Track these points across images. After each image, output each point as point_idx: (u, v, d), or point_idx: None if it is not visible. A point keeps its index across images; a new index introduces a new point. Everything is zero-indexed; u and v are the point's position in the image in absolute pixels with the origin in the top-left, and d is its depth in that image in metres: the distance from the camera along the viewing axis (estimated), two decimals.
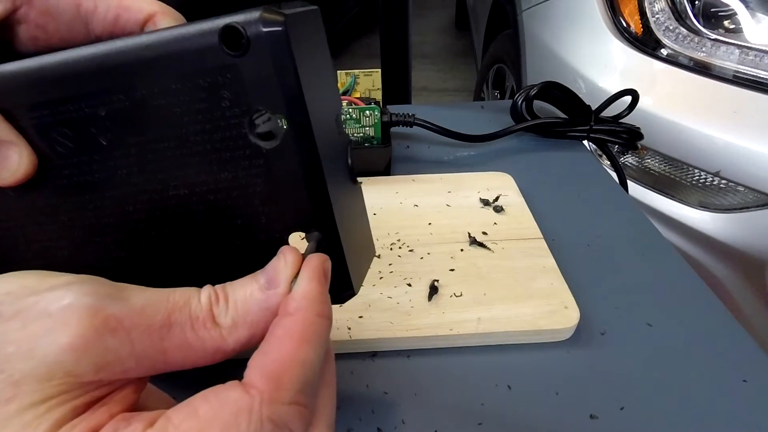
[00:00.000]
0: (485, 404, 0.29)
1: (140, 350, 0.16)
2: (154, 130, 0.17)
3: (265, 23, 0.15)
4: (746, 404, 0.29)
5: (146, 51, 0.16)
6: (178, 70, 0.16)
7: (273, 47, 0.15)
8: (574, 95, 0.56)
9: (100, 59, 0.17)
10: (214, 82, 0.16)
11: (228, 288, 0.18)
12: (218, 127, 0.17)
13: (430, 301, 0.34)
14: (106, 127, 0.18)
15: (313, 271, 0.18)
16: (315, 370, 0.17)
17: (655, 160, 0.90)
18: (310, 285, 0.17)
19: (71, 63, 0.17)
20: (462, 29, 3.29)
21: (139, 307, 0.16)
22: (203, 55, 0.16)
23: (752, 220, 0.81)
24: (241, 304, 0.17)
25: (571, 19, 1.05)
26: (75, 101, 0.17)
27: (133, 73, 0.17)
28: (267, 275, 0.18)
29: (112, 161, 0.18)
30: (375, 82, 0.55)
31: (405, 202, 0.44)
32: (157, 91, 0.17)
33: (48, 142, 0.18)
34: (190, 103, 0.17)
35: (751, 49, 0.82)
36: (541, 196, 0.46)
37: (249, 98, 0.16)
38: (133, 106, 0.17)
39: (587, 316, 0.34)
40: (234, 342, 0.17)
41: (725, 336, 0.33)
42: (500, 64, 1.47)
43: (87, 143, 0.18)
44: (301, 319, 0.17)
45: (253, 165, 0.18)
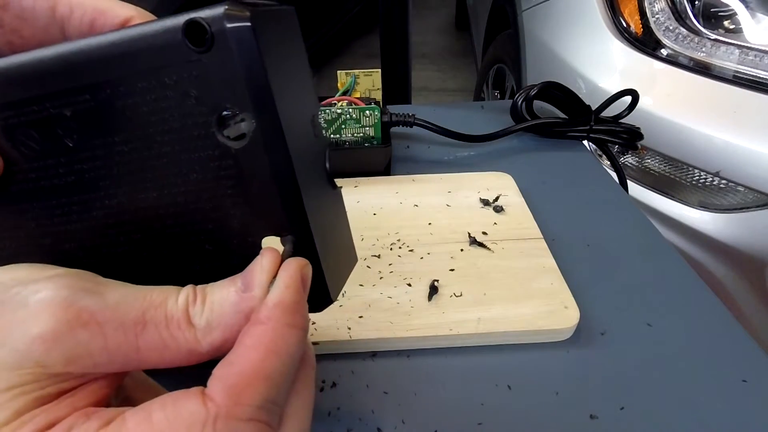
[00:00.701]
0: (485, 404, 0.29)
1: (113, 346, 0.16)
2: (121, 131, 0.17)
3: (230, 18, 0.15)
4: (746, 404, 0.29)
5: (111, 48, 0.16)
6: (143, 68, 0.16)
7: (238, 43, 0.15)
8: (574, 95, 0.56)
9: (65, 58, 0.17)
10: (179, 80, 0.16)
11: (208, 289, 0.17)
12: (185, 126, 0.17)
13: (430, 301, 0.34)
14: (72, 128, 0.17)
15: (289, 278, 0.17)
16: (282, 385, 0.16)
17: (655, 160, 0.90)
18: (285, 293, 0.17)
19: (35, 63, 0.17)
20: (462, 29, 3.29)
21: (114, 302, 0.16)
22: (168, 51, 0.16)
23: (752, 220, 0.81)
24: (217, 307, 0.17)
25: (571, 19, 1.05)
26: (39, 102, 0.17)
27: (98, 72, 0.16)
28: (244, 277, 0.17)
29: (78, 164, 0.18)
30: (375, 82, 0.55)
31: (405, 202, 0.44)
32: (123, 90, 0.17)
33: (13, 144, 0.18)
34: (156, 101, 0.16)
35: (751, 49, 0.82)
36: (541, 196, 0.46)
37: (216, 96, 0.16)
38: (99, 105, 0.17)
39: (587, 316, 0.34)
40: (208, 345, 0.17)
41: (725, 336, 0.33)
42: (500, 64, 1.47)
43: (53, 145, 0.18)
44: (270, 329, 0.16)
45: (222, 166, 0.17)
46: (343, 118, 0.48)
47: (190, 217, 0.18)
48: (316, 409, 0.29)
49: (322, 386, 0.30)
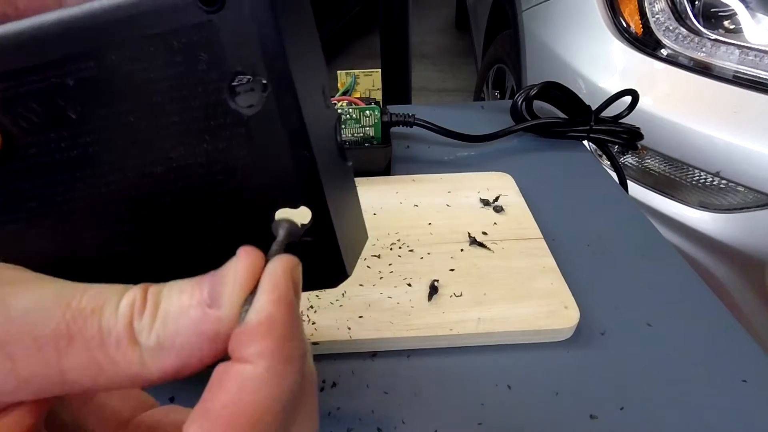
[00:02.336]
0: (485, 404, 0.29)
1: (23, 369, 0.12)
2: (127, 100, 0.16)
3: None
4: (746, 404, 0.29)
5: (117, 11, 0.15)
6: (151, 31, 0.15)
7: (251, 2, 0.15)
8: (574, 95, 0.56)
9: (67, 22, 0.16)
10: (189, 43, 0.15)
11: (164, 293, 0.13)
12: (196, 93, 0.16)
13: (430, 301, 0.34)
14: (75, 99, 0.16)
15: (277, 290, 0.13)
16: (283, 429, 0.13)
17: (655, 160, 0.90)
18: (275, 312, 0.13)
19: (35, 29, 0.16)
20: (462, 29, 3.29)
21: (21, 312, 0.12)
22: (177, 12, 0.15)
23: (752, 220, 0.81)
24: (172, 322, 0.13)
25: (571, 19, 1.05)
26: (40, 70, 0.16)
27: (103, 36, 0.16)
28: (212, 285, 0.13)
29: (82, 137, 0.17)
30: (375, 82, 0.55)
31: (405, 202, 0.44)
32: (129, 56, 0.16)
33: (12, 118, 0.17)
34: (165, 67, 0.16)
35: (751, 49, 0.82)
36: (541, 196, 0.46)
37: (227, 59, 0.15)
38: (104, 73, 0.16)
39: (587, 316, 0.34)
40: (159, 371, 0.13)
41: (725, 336, 0.33)
42: (500, 64, 1.47)
43: (54, 117, 0.17)
44: (263, 371, 0.12)
45: (234, 134, 0.16)
46: (343, 118, 0.48)
47: (200, 191, 0.17)
48: None
49: (323, 386, 0.30)
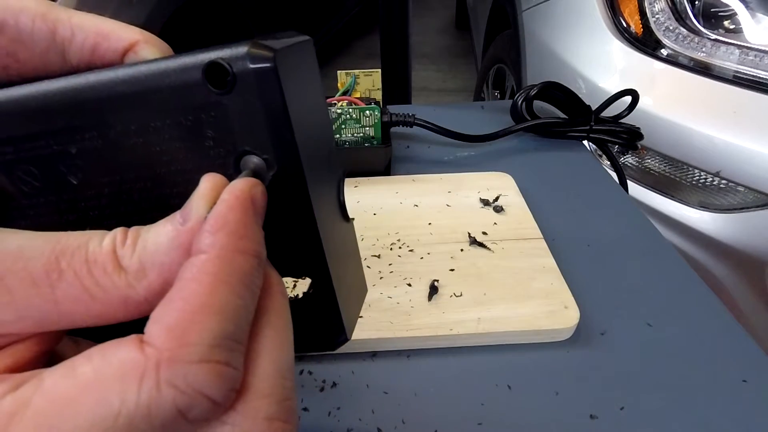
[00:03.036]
0: (485, 404, 0.29)
1: (21, 300, 0.13)
2: (131, 170, 0.16)
3: (253, 59, 0.14)
4: (746, 404, 0.29)
5: (123, 86, 0.15)
6: (158, 108, 0.15)
7: (261, 84, 0.14)
8: (574, 95, 0.56)
9: (72, 94, 0.15)
10: (197, 120, 0.15)
11: (143, 229, 0.15)
12: (201, 167, 0.16)
13: (430, 301, 0.34)
14: (77, 166, 0.16)
15: (233, 198, 0.14)
16: (239, 318, 0.14)
17: (655, 160, 0.90)
18: (229, 215, 0.14)
19: (39, 98, 0.16)
20: (462, 29, 3.30)
21: (15, 248, 0.13)
22: (186, 91, 0.15)
23: (752, 220, 0.81)
24: (151, 244, 0.14)
25: (571, 19, 1.05)
26: (43, 138, 0.16)
27: (108, 110, 0.15)
28: (183, 210, 0.15)
29: (82, 201, 0.17)
30: (375, 82, 0.55)
31: (405, 202, 0.44)
32: (134, 129, 0.16)
33: (11, 180, 0.16)
34: (171, 141, 0.16)
35: (751, 49, 0.82)
36: (541, 196, 0.46)
37: (235, 137, 0.15)
38: (108, 144, 0.16)
39: (587, 316, 0.34)
40: (145, 290, 0.14)
41: (725, 336, 0.33)
42: (500, 64, 1.47)
43: (55, 182, 0.16)
44: (214, 256, 0.14)
45: None
46: (343, 118, 0.48)
47: None
48: (316, 409, 0.29)
49: (323, 386, 0.30)
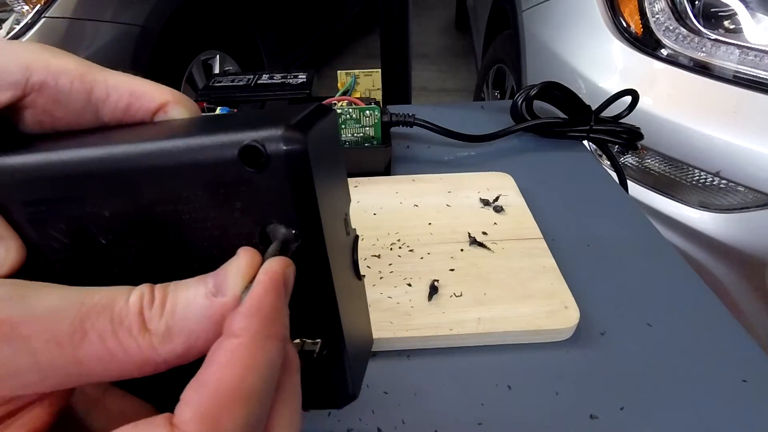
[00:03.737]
0: (485, 404, 0.29)
1: (46, 362, 0.13)
2: (159, 234, 0.17)
3: (287, 141, 0.15)
4: (746, 404, 0.29)
5: (159, 158, 0.16)
6: (192, 180, 0.16)
7: (291, 165, 0.15)
8: (574, 95, 0.56)
9: (109, 163, 0.16)
10: (227, 194, 0.16)
11: (171, 288, 0.15)
12: (226, 235, 0.17)
13: (430, 301, 0.34)
14: (108, 228, 0.17)
15: (270, 281, 0.15)
16: (263, 402, 0.14)
17: (655, 160, 0.90)
18: (264, 299, 0.14)
19: (76, 164, 0.16)
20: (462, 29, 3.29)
21: (43, 310, 0.14)
22: (220, 168, 0.16)
23: (752, 220, 0.81)
24: (181, 309, 0.14)
25: (571, 19, 1.05)
26: (76, 201, 0.16)
27: (143, 179, 0.16)
28: (216, 279, 0.15)
29: (109, 260, 0.17)
30: (375, 82, 0.55)
31: (405, 202, 0.44)
32: (167, 198, 0.16)
33: (42, 237, 0.17)
34: (200, 210, 0.16)
35: (751, 49, 0.82)
36: (541, 196, 0.46)
37: (263, 211, 0.16)
38: (140, 209, 0.16)
39: (587, 316, 0.34)
40: (167, 354, 0.14)
41: (725, 336, 0.33)
42: (500, 64, 1.47)
43: (84, 240, 0.17)
44: (247, 342, 0.14)
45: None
46: (343, 118, 0.48)
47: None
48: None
49: None
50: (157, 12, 1.37)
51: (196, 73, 1.60)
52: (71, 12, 1.19)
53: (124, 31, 1.29)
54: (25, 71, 0.17)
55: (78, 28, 1.21)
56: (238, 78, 0.54)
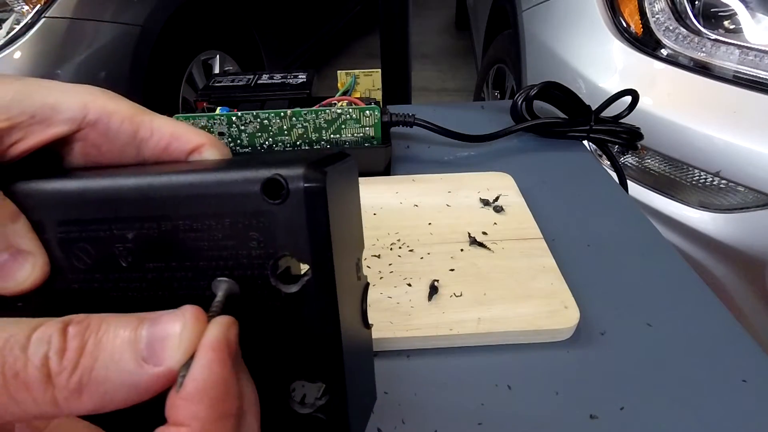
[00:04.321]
0: (485, 404, 0.29)
1: None
2: (177, 259, 0.18)
3: (308, 179, 0.16)
4: (746, 404, 0.29)
5: (189, 189, 0.17)
6: (216, 209, 0.17)
7: (310, 201, 0.16)
8: (574, 95, 0.56)
9: (142, 189, 0.17)
10: (246, 224, 0.17)
11: (93, 328, 0.13)
12: (240, 265, 0.17)
13: (430, 301, 0.34)
14: (130, 250, 0.18)
15: (214, 355, 0.13)
16: None
17: (655, 160, 0.90)
18: (210, 378, 0.13)
19: (113, 189, 0.18)
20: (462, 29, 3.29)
21: None
22: (242, 199, 0.17)
23: (752, 220, 0.81)
24: (101, 368, 0.13)
25: (571, 19, 1.05)
26: (107, 223, 0.18)
27: (171, 206, 0.17)
28: (151, 338, 0.13)
29: (125, 282, 0.18)
30: (375, 82, 0.55)
31: (405, 202, 0.44)
32: (189, 225, 0.17)
33: (66, 256, 0.18)
34: (218, 240, 0.17)
35: (751, 49, 0.82)
36: (541, 196, 0.46)
37: (277, 243, 0.17)
38: (162, 234, 0.17)
39: (587, 316, 0.34)
40: (73, 411, 0.13)
41: (725, 336, 0.33)
42: (500, 64, 1.47)
43: (106, 262, 0.18)
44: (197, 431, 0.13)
45: (268, 307, 0.18)
46: (343, 118, 0.48)
47: None
48: None
49: None
50: (157, 12, 1.37)
51: (196, 73, 1.60)
52: (71, 12, 1.19)
53: (124, 31, 1.29)
54: (83, 109, 0.19)
55: (78, 28, 1.21)
56: (238, 78, 0.54)
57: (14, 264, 0.17)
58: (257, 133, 0.48)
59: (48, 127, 0.19)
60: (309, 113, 0.47)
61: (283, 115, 0.47)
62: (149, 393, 0.13)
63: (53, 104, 0.19)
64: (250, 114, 0.47)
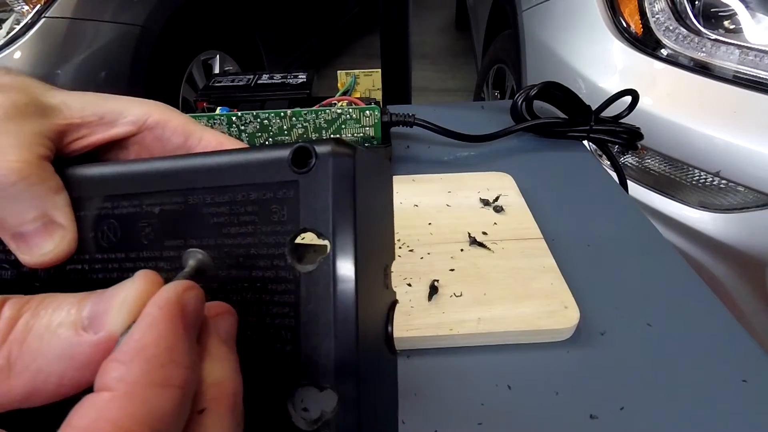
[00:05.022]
0: (485, 404, 0.29)
1: None
2: (196, 237, 0.18)
3: (336, 150, 0.16)
4: (746, 404, 0.29)
5: (216, 161, 0.18)
6: (241, 181, 0.17)
7: (337, 171, 0.16)
8: (574, 95, 0.56)
9: (175, 165, 0.18)
10: (270, 197, 0.17)
11: (33, 303, 0.12)
12: (258, 243, 0.17)
13: (430, 301, 0.34)
14: (153, 226, 0.18)
15: (159, 312, 0.11)
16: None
17: (655, 160, 0.90)
18: (148, 336, 0.11)
19: (148, 167, 0.18)
20: (462, 29, 3.29)
21: None
22: (270, 168, 0.17)
23: (752, 220, 0.81)
24: (33, 340, 0.11)
25: (571, 19, 1.05)
26: (138, 198, 0.18)
27: (198, 177, 0.18)
28: (95, 307, 0.12)
29: (144, 261, 0.18)
30: (375, 82, 0.55)
31: (405, 202, 0.44)
32: (213, 200, 0.17)
33: (95, 233, 0.19)
34: (241, 214, 0.17)
35: (751, 49, 0.82)
36: (541, 196, 0.46)
37: (299, 218, 0.16)
38: (187, 209, 0.18)
39: (587, 316, 0.34)
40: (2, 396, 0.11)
41: (725, 336, 0.33)
42: (500, 64, 1.47)
43: (129, 240, 0.18)
44: (121, 395, 0.10)
45: (280, 290, 0.16)
46: (343, 118, 0.48)
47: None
48: None
49: None
50: (157, 12, 1.37)
51: (196, 73, 1.60)
52: (71, 12, 1.19)
53: (124, 31, 1.29)
54: (145, 114, 0.22)
55: (78, 28, 1.21)
56: (238, 78, 0.54)
57: (44, 234, 0.18)
58: (257, 133, 0.48)
59: (113, 128, 0.21)
60: (309, 113, 0.47)
61: (283, 115, 0.47)
62: (90, 368, 0.11)
63: (120, 110, 0.22)
64: (250, 114, 0.47)
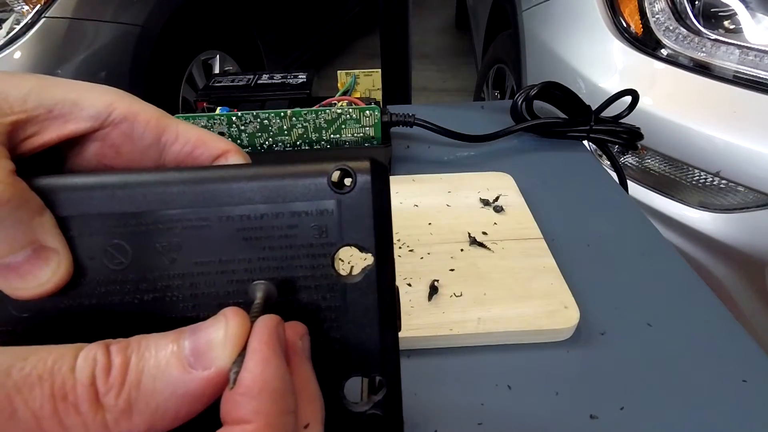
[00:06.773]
0: (485, 404, 0.29)
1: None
2: (230, 253, 0.17)
3: (374, 170, 0.17)
4: (746, 404, 0.29)
5: (249, 179, 0.16)
6: (277, 201, 0.17)
7: (376, 189, 0.17)
8: (574, 95, 0.56)
9: (198, 180, 0.16)
10: (311, 215, 0.17)
11: (133, 348, 0.12)
12: (300, 255, 0.17)
13: (430, 301, 0.34)
14: (176, 244, 0.16)
15: (266, 347, 0.13)
16: None
17: (655, 160, 0.90)
18: (267, 372, 0.12)
19: (163, 181, 0.16)
20: (462, 29, 3.29)
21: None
22: (308, 190, 0.17)
23: (752, 220, 0.81)
24: (148, 381, 0.12)
25: (571, 19, 1.05)
26: (149, 216, 0.16)
27: (231, 200, 0.16)
28: (195, 345, 0.13)
29: (164, 281, 0.17)
30: (375, 82, 0.55)
31: (405, 202, 0.44)
32: (248, 215, 0.16)
33: (95, 256, 0.16)
34: (279, 229, 0.17)
35: (751, 49, 0.82)
36: (541, 196, 0.46)
37: (341, 232, 0.17)
38: (219, 229, 0.16)
39: (587, 316, 0.34)
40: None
41: (725, 336, 0.33)
42: (500, 64, 1.47)
43: (144, 260, 0.16)
44: (263, 427, 0.12)
45: (326, 298, 0.17)
46: (343, 118, 0.48)
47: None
48: None
49: None
50: (157, 12, 1.37)
51: (196, 73, 1.60)
52: (71, 12, 1.19)
53: (124, 31, 1.29)
54: (108, 107, 0.18)
55: (78, 28, 1.21)
56: (238, 78, 0.54)
57: (37, 261, 0.15)
58: (257, 133, 0.48)
59: (67, 123, 0.17)
60: (309, 113, 0.47)
61: (283, 115, 0.47)
62: (202, 401, 0.13)
63: (75, 100, 0.18)
64: (250, 114, 0.47)
